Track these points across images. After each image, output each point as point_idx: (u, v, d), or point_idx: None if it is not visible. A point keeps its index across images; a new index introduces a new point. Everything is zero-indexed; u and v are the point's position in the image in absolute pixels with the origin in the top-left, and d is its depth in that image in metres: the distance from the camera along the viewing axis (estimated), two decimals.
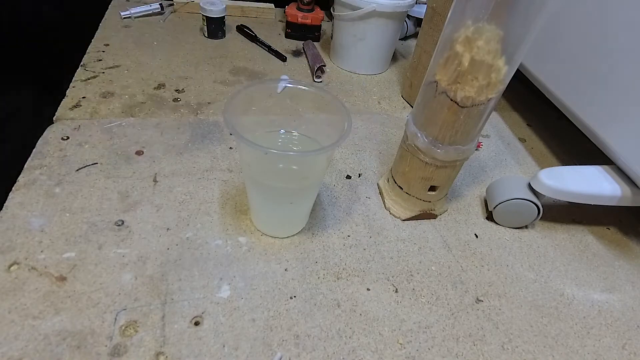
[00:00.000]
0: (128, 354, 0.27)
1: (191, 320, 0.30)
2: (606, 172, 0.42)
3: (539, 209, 0.41)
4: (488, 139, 0.58)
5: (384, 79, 0.68)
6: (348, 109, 0.34)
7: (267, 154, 0.28)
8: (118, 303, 0.30)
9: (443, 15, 0.49)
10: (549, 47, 0.51)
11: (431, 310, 0.34)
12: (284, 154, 0.33)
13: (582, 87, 0.46)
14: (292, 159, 0.34)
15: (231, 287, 0.33)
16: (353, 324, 0.32)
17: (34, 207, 0.35)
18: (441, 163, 0.37)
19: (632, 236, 0.46)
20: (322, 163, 0.34)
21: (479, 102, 0.32)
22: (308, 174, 0.34)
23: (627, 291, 0.40)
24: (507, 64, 0.31)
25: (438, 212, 0.43)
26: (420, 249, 0.39)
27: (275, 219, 0.37)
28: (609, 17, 0.42)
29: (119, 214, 0.36)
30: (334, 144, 0.29)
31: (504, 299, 0.36)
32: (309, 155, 0.31)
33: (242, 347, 0.29)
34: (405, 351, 0.31)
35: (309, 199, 0.36)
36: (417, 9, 0.74)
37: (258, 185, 0.33)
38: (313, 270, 0.35)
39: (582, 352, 0.33)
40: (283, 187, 0.33)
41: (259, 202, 0.35)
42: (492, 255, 0.40)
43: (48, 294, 0.30)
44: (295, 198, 0.34)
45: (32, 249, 0.32)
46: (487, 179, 0.50)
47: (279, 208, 0.35)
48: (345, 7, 0.61)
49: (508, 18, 0.29)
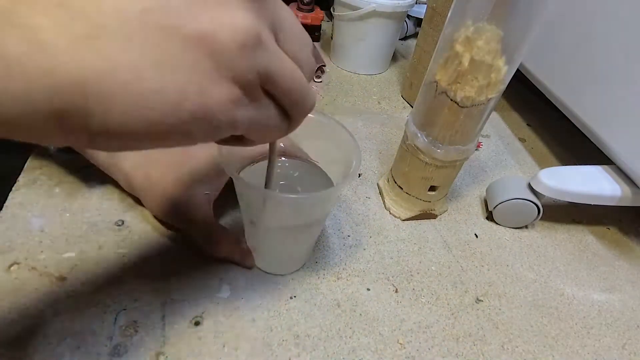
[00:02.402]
0: (128, 354, 0.27)
1: (191, 320, 0.30)
2: (606, 172, 0.42)
3: (539, 209, 0.41)
4: (488, 139, 0.58)
5: (384, 79, 0.68)
6: (354, 138, 0.30)
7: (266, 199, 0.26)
8: (118, 303, 0.30)
9: (443, 15, 0.49)
10: (549, 47, 0.51)
11: (431, 310, 0.34)
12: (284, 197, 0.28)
13: (583, 87, 0.46)
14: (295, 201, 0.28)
15: (231, 287, 0.33)
16: (353, 324, 0.32)
17: (34, 207, 0.35)
18: (441, 163, 0.37)
19: (632, 236, 0.46)
20: (333, 199, 0.31)
21: (479, 102, 0.32)
22: (313, 211, 0.30)
23: (627, 291, 0.40)
24: (507, 64, 0.31)
25: (438, 212, 0.43)
26: (420, 249, 0.39)
27: (277, 256, 0.34)
28: (609, 17, 0.42)
29: (119, 214, 0.36)
30: (346, 179, 0.27)
31: (504, 299, 0.36)
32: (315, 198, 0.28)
33: (242, 347, 0.29)
34: (405, 351, 0.31)
35: (314, 234, 0.34)
36: (417, 9, 0.74)
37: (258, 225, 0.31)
38: (313, 270, 0.35)
39: (582, 352, 0.33)
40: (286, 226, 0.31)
41: (258, 240, 0.33)
42: (492, 255, 0.40)
43: (48, 294, 0.30)
44: (300, 235, 0.32)
45: (32, 249, 0.32)
46: (487, 179, 0.50)
47: (280, 245, 0.33)
48: (345, 7, 0.61)
49: (508, 18, 0.29)
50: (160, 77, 0.12)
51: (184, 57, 0.13)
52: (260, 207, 0.29)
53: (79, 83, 0.11)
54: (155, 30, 0.12)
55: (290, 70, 0.16)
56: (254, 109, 0.15)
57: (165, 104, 0.13)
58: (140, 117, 0.13)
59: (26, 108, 0.11)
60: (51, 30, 0.11)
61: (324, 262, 0.36)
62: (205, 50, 0.13)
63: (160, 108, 0.13)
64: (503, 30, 0.29)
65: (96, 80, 0.12)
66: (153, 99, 0.12)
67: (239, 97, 0.14)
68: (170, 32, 0.12)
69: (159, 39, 0.12)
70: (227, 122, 0.15)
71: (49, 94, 0.11)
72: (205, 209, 0.33)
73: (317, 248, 0.37)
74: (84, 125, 0.12)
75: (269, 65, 0.15)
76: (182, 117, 0.13)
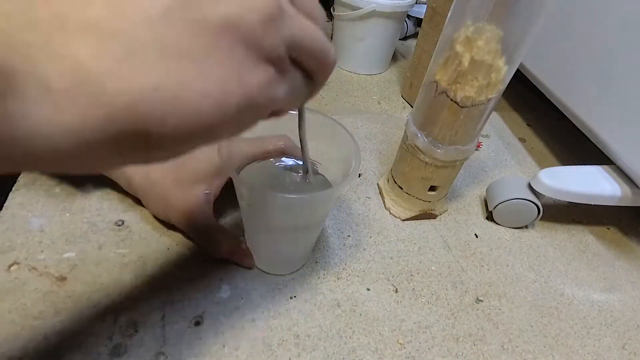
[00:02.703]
0: (128, 354, 0.27)
1: (191, 320, 0.30)
2: (606, 172, 0.42)
3: (539, 209, 0.41)
4: (488, 139, 0.58)
5: (384, 79, 0.68)
6: (354, 138, 0.31)
7: (275, 197, 0.26)
8: (118, 303, 0.30)
9: (443, 15, 0.49)
10: (549, 47, 0.51)
11: (431, 310, 0.34)
12: (290, 198, 0.27)
13: (582, 87, 0.46)
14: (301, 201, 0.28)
15: (231, 287, 0.33)
16: (353, 324, 0.32)
17: (34, 207, 0.35)
18: (441, 163, 0.37)
19: (632, 236, 0.46)
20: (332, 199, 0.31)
21: (479, 102, 0.32)
22: (315, 211, 0.31)
23: (627, 291, 0.40)
24: (507, 64, 0.31)
25: (438, 212, 0.43)
26: (420, 249, 0.39)
27: (276, 256, 0.34)
28: (610, 17, 0.42)
29: (119, 214, 0.36)
30: (346, 179, 0.27)
31: (504, 299, 0.36)
32: (315, 198, 0.28)
33: (242, 347, 0.29)
34: (405, 351, 0.31)
35: (314, 234, 0.34)
36: (417, 9, 0.74)
37: (258, 225, 0.31)
38: (313, 270, 0.35)
39: (582, 352, 0.33)
40: (286, 227, 0.31)
41: (258, 240, 0.33)
42: (492, 255, 0.40)
43: (48, 294, 0.30)
44: (300, 236, 0.32)
45: (32, 249, 0.32)
46: (487, 179, 0.50)
47: (280, 245, 0.33)
48: (345, 7, 0.61)
49: (508, 18, 0.29)
50: (201, 78, 0.12)
51: (216, 49, 0.13)
52: (261, 207, 0.29)
53: (130, 105, 0.11)
54: (183, 29, 0.12)
55: (311, 31, 0.15)
56: (286, 80, 0.15)
57: (212, 104, 0.13)
58: (193, 123, 0.13)
59: (80, 139, 0.11)
60: (90, 57, 0.11)
61: (324, 262, 0.36)
62: (235, 36, 0.13)
63: (208, 109, 0.13)
64: (503, 30, 0.29)
65: (145, 99, 0.11)
66: (200, 102, 0.12)
67: (274, 75, 0.14)
68: (197, 25, 0.12)
69: (189, 36, 0.12)
70: (269, 102, 0.15)
71: (103, 122, 0.11)
72: (205, 209, 0.33)
73: (317, 248, 0.37)
74: (141, 145, 0.12)
75: (292, 34, 0.14)
76: (230, 112, 0.13)
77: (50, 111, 0.11)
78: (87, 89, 0.11)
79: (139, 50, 0.11)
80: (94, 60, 0.11)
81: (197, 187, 0.33)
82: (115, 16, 0.11)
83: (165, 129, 0.12)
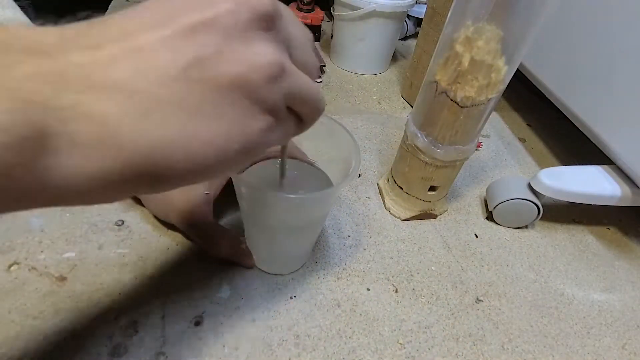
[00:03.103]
0: (128, 354, 0.27)
1: (191, 320, 0.30)
2: (606, 172, 0.42)
3: (539, 209, 0.41)
4: (488, 139, 0.58)
5: (384, 79, 0.68)
6: (354, 138, 0.31)
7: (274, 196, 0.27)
8: (118, 303, 0.30)
9: (443, 15, 0.49)
10: (549, 47, 0.51)
11: (431, 310, 0.34)
12: (286, 197, 0.28)
13: (583, 87, 0.46)
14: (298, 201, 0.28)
15: (231, 287, 0.33)
16: (353, 324, 0.32)
17: None
18: (441, 163, 0.37)
19: (632, 236, 0.46)
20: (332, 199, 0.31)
21: (479, 102, 0.32)
22: (313, 211, 0.31)
23: (627, 291, 0.40)
24: (507, 64, 0.31)
25: (438, 212, 0.43)
26: (420, 249, 0.39)
27: (276, 256, 0.34)
28: (610, 17, 0.42)
29: (119, 214, 0.36)
30: (346, 179, 0.27)
31: (504, 299, 0.36)
32: (315, 198, 0.28)
33: (242, 347, 0.29)
34: (405, 351, 0.31)
35: (314, 234, 0.34)
36: (417, 9, 0.74)
37: (258, 225, 0.31)
38: (313, 270, 0.35)
39: (582, 352, 0.33)
40: (286, 226, 0.31)
41: (258, 240, 0.33)
42: (492, 255, 0.40)
43: (48, 294, 0.30)
44: (300, 235, 0.32)
45: (32, 249, 0.32)
46: (487, 179, 0.50)
47: (280, 245, 0.33)
48: (345, 7, 0.61)
49: (508, 18, 0.29)
50: (209, 129, 0.14)
51: (224, 104, 0.14)
52: (261, 207, 0.29)
53: (148, 155, 0.13)
54: (197, 87, 0.14)
55: (306, 84, 0.17)
56: (282, 125, 0.17)
57: (216, 151, 0.15)
58: (197, 167, 0.14)
59: (100, 183, 0.13)
60: (114, 115, 0.12)
61: (324, 262, 0.36)
62: (241, 92, 0.14)
63: (213, 155, 0.15)
64: (503, 30, 0.29)
65: (161, 150, 0.13)
66: (206, 150, 0.14)
67: (272, 123, 0.16)
68: (209, 84, 0.14)
69: (202, 93, 0.14)
70: (265, 145, 0.17)
71: (121, 168, 0.13)
72: (205, 209, 0.33)
73: (317, 248, 0.37)
74: (150, 182, 0.14)
75: (291, 87, 0.16)
76: (231, 157, 0.15)
77: (78, 162, 0.12)
78: (110, 142, 0.12)
79: (157, 107, 0.13)
80: (118, 117, 0.12)
81: (197, 187, 0.33)
82: (137, 76, 0.13)
83: (174, 171, 0.14)
